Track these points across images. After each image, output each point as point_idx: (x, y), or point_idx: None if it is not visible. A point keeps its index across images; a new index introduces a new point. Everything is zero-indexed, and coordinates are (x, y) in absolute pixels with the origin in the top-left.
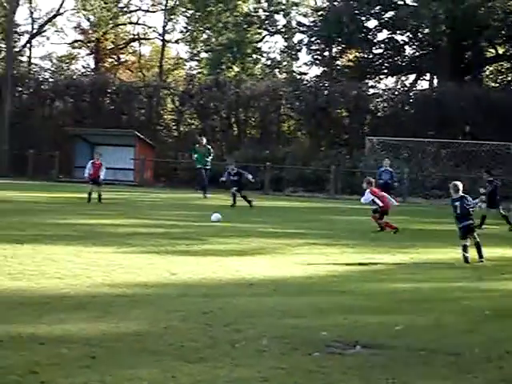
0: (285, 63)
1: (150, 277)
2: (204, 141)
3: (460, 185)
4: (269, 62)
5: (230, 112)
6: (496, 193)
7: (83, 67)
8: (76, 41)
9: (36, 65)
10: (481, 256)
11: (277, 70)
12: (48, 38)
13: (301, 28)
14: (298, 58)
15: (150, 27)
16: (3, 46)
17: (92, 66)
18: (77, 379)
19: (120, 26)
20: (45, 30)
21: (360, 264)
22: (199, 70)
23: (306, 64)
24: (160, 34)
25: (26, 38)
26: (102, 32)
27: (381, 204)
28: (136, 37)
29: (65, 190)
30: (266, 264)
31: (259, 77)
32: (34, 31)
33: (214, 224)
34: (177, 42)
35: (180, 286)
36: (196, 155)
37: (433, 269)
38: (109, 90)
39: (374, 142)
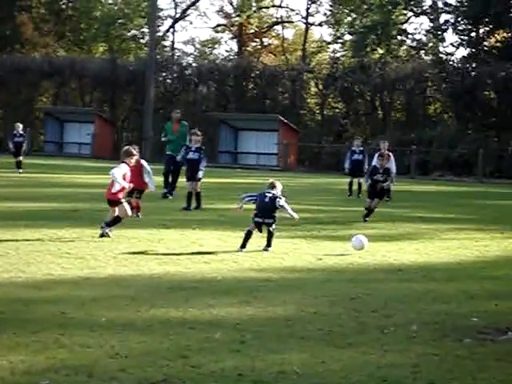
0: (430, 44)
1: (297, 262)
2: (178, 115)
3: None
4: (414, 44)
5: (375, 95)
6: None
7: (226, 51)
8: (219, 25)
9: (179, 49)
10: None
11: (422, 52)
12: (191, 23)
13: (447, 8)
14: (444, 39)
15: (293, 10)
16: (146, 30)
17: (235, 50)
18: (227, 363)
19: (263, 10)
20: (188, 15)
21: (511, 250)
22: (343, 53)
23: (452, 45)
24: (303, 17)
25: (169, 22)
26: (245, 16)
27: None
28: (279, 20)
29: (209, 175)
30: (414, 249)
31: (404, 59)
32: (177, 16)
33: (359, 209)
34: (320, 24)
35: (327, 271)
36: (167, 136)
37: None
38: (252, 75)
39: None
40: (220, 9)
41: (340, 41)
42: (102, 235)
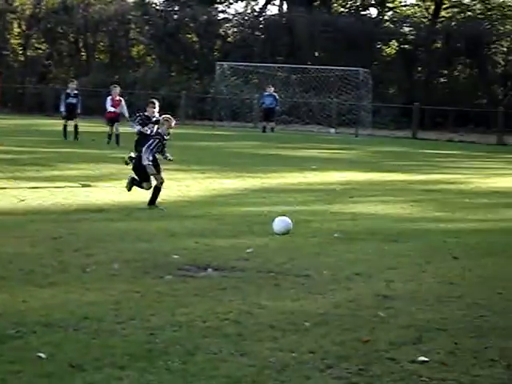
0: None
1: None
2: None
3: None
4: None
5: (78, 36)
6: None
7: None
8: None
9: None
10: None
11: None
12: None
13: None
14: None
15: None
16: None
17: None
18: None
19: None
20: None
21: (211, 189)
22: None
23: None
24: None
25: None
26: None
27: None
28: None
29: None
30: (117, 190)
31: (108, 0)
32: None
33: (63, 150)
34: None
35: (29, 211)
36: None
37: (283, 192)
38: None
39: (225, 67)
40: None
41: None
42: None
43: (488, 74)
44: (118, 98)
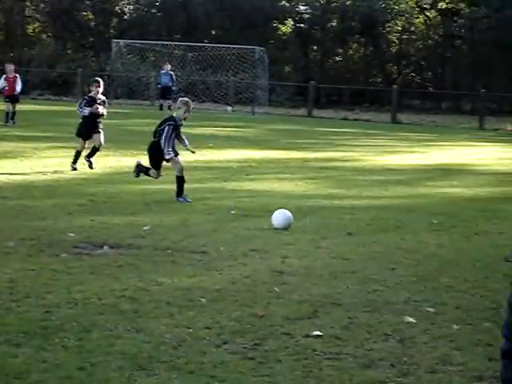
0: None
1: None
2: None
3: None
4: None
5: None
6: None
7: None
8: None
9: None
10: None
11: None
12: None
13: None
14: None
15: None
16: None
17: None
18: None
19: None
20: None
21: (108, 167)
22: None
23: None
24: None
25: None
26: None
27: None
28: None
29: None
30: (12, 167)
31: None
32: None
33: None
34: None
35: None
36: None
37: None
38: None
39: (121, 45)
40: None
41: None
42: None
43: (382, 52)
44: (13, 75)
